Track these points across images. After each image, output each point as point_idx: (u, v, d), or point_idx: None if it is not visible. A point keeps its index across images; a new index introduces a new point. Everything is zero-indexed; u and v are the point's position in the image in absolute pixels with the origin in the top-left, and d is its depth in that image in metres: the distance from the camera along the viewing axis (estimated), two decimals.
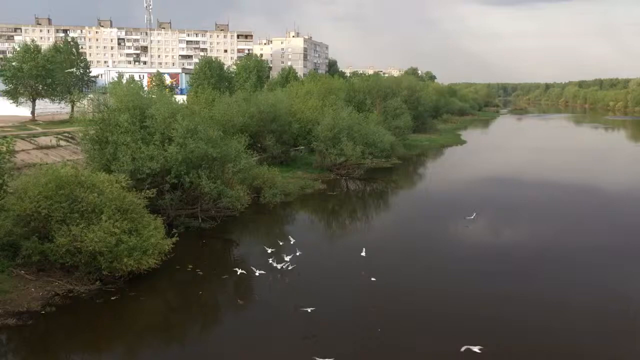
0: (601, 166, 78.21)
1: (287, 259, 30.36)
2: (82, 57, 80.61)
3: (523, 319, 25.09)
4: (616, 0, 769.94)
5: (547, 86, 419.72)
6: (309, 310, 24.19)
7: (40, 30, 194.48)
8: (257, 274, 28.84)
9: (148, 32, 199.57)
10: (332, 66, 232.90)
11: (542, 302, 26.81)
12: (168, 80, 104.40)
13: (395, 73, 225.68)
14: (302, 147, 66.50)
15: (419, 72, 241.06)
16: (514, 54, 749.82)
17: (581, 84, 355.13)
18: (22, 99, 69.15)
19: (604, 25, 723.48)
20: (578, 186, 59.25)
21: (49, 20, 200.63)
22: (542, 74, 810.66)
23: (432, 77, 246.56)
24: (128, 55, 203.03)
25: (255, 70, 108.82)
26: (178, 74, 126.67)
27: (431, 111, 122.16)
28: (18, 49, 70.75)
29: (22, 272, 27.09)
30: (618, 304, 26.83)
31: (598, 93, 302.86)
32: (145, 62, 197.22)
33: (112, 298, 25.96)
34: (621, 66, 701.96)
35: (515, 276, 30.43)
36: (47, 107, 74.02)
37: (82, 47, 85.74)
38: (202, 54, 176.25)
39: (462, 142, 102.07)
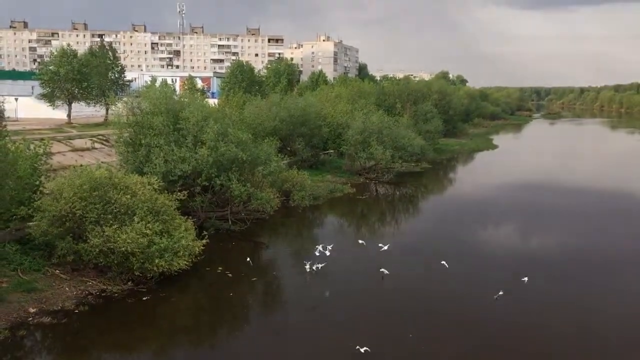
0: (634, 172, 76.26)
1: (316, 262, 30.37)
2: (118, 62, 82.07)
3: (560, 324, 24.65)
4: None
5: (582, 90, 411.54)
6: (324, 312, 24.07)
7: (77, 35, 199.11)
8: (285, 276, 28.89)
9: (181, 36, 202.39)
10: (362, 70, 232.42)
11: (576, 309, 26.28)
12: (200, 84, 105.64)
13: (426, 77, 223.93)
14: (331, 151, 66.50)
15: (450, 75, 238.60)
16: (547, 57, 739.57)
17: (617, 88, 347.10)
18: (58, 102, 70.62)
19: (637, 27, 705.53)
20: (611, 193, 57.90)
21: (85, 25, 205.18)
22: (576, 78, 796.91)
23: (463, 81, 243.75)
24: (161, 59, 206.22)
25: (285, 74, 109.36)
26: (210, 77, 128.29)
27: (462, 115, 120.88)
28: (55, 53, 72.34)
29: (57, 271, 27.69)
30: None
31: (635, 97, 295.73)
32: (177, 66, 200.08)
33: (144, 298, 26.32)
34: None
35: (545, 281, 29.84)
36: (82, 110, 75.45)
37: (117, 52, 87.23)
38: (233, 58, 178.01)
39: (494, 147, 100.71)
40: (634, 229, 42.80)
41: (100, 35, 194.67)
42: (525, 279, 28.17)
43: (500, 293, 26.43)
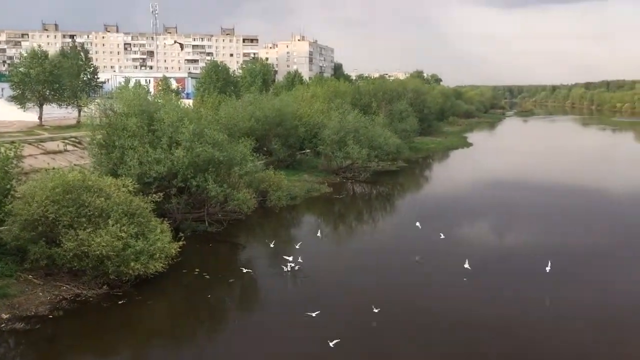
0: (608, 168, 77.79)
1: (293, 262, 30.39)
2: (90, 63, 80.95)
3: (528, 320, 25.02)
4: (622, 2, 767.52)
5: (554, 88, 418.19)
6: (314, 315, 24.04)
7: (47, 36, 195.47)
8: (263, 277, 28.84)
9: (154, 37, 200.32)
10: (337, 69, 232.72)
11: (547, 304, 26.71)
12: (174, 85, 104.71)
13: (401, 76, 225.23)
14: (308, 151, 66.52)
15: (425, 74, 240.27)
16: (519, 56, 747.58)
17: (588, 86, 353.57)
18: (29, 104, 69.48)
19: (610, 27, 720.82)
20: (582, 189, 59.05)
21: (56, 26, 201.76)
22: (549, 76, 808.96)
23: (437, 80, 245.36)
24: (134, 60, 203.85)
25: (261, 74, 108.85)
26: (184, 78, 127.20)
27: (437, 114, 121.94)
28: (25, 54, 71.10)
29: (30, 276, 27.18)
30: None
31: (605, 95, 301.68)
32: (151, 67, 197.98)
33: (119, 302, 26.00)
34: (628, 68, 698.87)
35: (517, 278, 30.29)
36: (54, 112, 74.33)
37: (89, 53, 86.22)
38: (208, 58, 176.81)
39: (468, 145, 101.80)
40: (604, 223, 43.67)
41: (72, 36, 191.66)
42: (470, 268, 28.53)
43: (465, 279, 26.74)
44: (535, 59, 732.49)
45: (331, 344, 21.53)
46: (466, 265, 30.09)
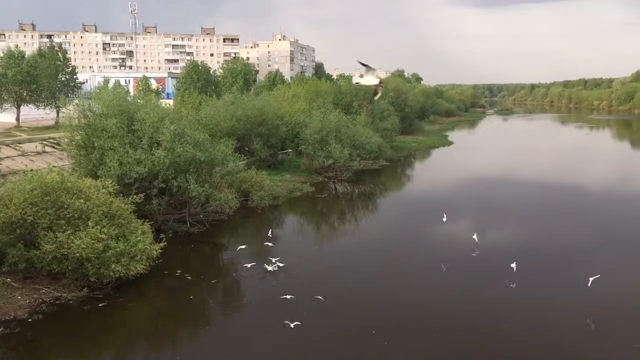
0: (585, 165, 78.94)
1: (275, 262, 30.34)
2: (68, 63, 79.98)
3: (498, 316, 25.29)
4: (598, 1, 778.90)
5: (533, 87, 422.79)
6: (292, 326, 23.91)
7: (24, 36, 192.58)
8: (245, 278, 28.75)
9: (133, 36, 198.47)
10: (319, 69, 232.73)
11: (516, 300, 27.05)
12: (154, 85, 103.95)
13: (382, 75, 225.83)
14: (290, 151, 66.46)
15: (406, 74, 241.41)
16: (499, 55, 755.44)
17: (566, 84, 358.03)
18: (6, 105, 68.44)
19: (587, 26, 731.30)
20: (560, 185, 59.83)
21: (33, 25, 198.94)
22: (528, 75, 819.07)
23: (418, 79, 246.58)
24: (113, 60, 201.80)
25: (242, 73, 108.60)
26: (164, 78, 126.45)
27: (418, 112, 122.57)
28: (1, 54, 70.03)
29: (9, 280, 26.76)
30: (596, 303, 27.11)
31: (582, 93, 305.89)
32: (131, 67, 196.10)
33: (100, 305, 25.74)
34: (605, 66, 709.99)
35: (493, 275, 30.57)
36: (32, 113, 73.35)
37: (67, 53, 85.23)
38: (188, 58, 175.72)
39: (449, 144, 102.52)
40: (582, 221, 44.30)
41: (49, 36, 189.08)
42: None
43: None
44: (514, 58, 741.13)
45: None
46: (443, 265, 30.40)
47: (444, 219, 39.43)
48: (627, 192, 57.35)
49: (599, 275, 27.24)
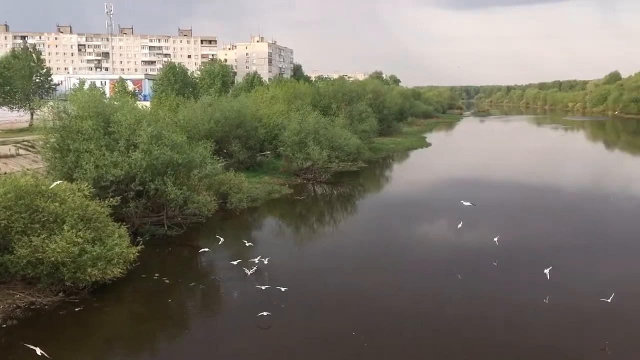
0: (561, 166, 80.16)
1: (254, 264, 30.24)
2: (43, 64, 78.83)
3: (481, 315, 25.56)
4: (570, 4, 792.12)
5: (509, 88, 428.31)
6: (271, 328, 23.89)
7: None
8: (224, 280, 28.61)
9: (109, 37, 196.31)
10: (297, 71, 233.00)
11: (499, 300, 27.35)
12: (131, 87, 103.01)
13: (360, 77, 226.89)
14: (268, 152, 66.33)
15: (384, 75, 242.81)
16: (475, 57, 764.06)
17: (541, 86, 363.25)
18: None
19: (561, 28, 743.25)
20: (535, 186, 60.66)
21: (6, 26, 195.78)
22: (504, 77, 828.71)
23: (396, 81, 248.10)
24: (89, 61, 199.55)
25: (219, 75, 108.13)
26: (141, 80, 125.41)
27: (396, 114, 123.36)
28: None
29: None
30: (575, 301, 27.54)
31: (557, 95, 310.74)
32: (107, 69, 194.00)
33: (76, 309, 25.40)
34: (578, 68, 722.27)
35: (473, 275, 30.91)
36: (5, 115, 72.18)
37: (42, 54, 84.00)
38: (165, 59, 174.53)
39: (427, 145, 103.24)
40: (558, 221, 44.96)
41: (23, 37, 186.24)
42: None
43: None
44: (490, 60, 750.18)
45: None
46: (421, 266, 30.54)
47: (459, 226, 38.07)
48: (602, 192, 58.34)
49: (551, 267, 27.87)
